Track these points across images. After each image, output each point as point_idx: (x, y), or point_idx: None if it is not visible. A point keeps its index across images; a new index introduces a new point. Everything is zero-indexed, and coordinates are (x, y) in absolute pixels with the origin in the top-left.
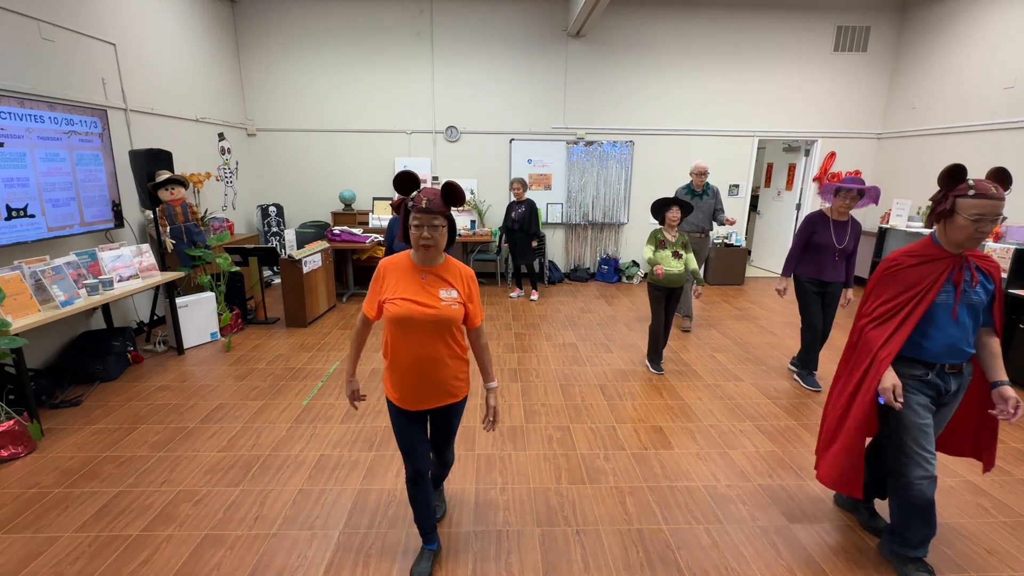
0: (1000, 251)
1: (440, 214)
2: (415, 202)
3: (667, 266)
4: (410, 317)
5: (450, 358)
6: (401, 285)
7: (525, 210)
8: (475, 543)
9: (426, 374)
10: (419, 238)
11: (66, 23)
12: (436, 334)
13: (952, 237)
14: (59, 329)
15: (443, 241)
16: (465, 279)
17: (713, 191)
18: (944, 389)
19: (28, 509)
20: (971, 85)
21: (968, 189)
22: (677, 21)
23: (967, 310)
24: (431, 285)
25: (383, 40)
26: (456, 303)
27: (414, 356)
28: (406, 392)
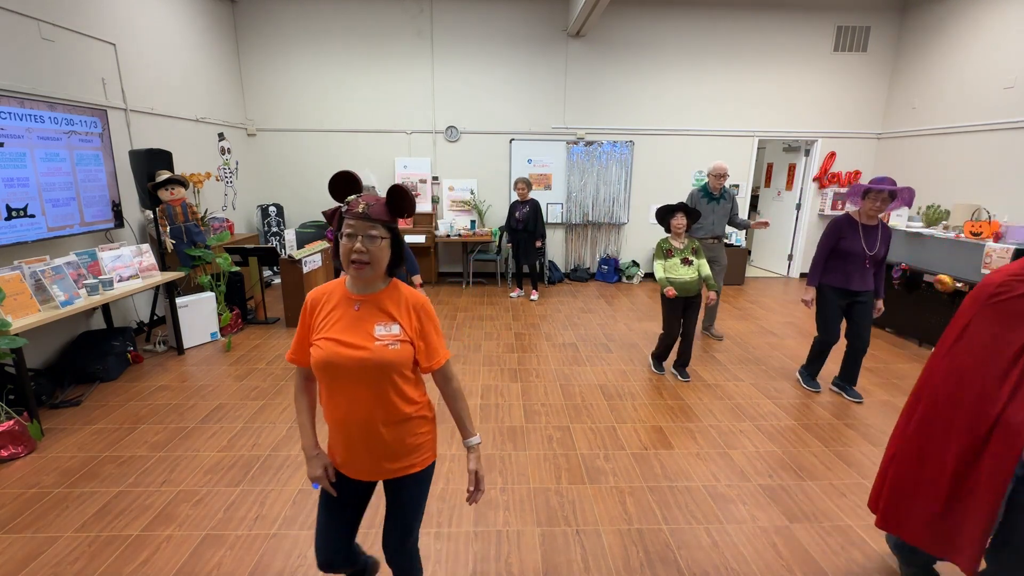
0: (1000, 251)
1: (380, 223)
2: (350, 206)
3: (677, 274)
4: (333, 363)
5: (395, 416)
6: (329, 320)
7: (529, 210)
8: (475, 543)
9: (361, 438)
10: (350, 251)
11: (66, 23)
12: (371, 384)
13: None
14: (59, 329)
15: (382, 258)
16: (413, 310)
17: (730, 195)
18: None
19: (28, 509)
20: (971, 85)
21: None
22: (677, 21)
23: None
24: (365, 319)
25: (383, 40)
26: (396, 342)
27: (344, 414)
28: (339, 456)
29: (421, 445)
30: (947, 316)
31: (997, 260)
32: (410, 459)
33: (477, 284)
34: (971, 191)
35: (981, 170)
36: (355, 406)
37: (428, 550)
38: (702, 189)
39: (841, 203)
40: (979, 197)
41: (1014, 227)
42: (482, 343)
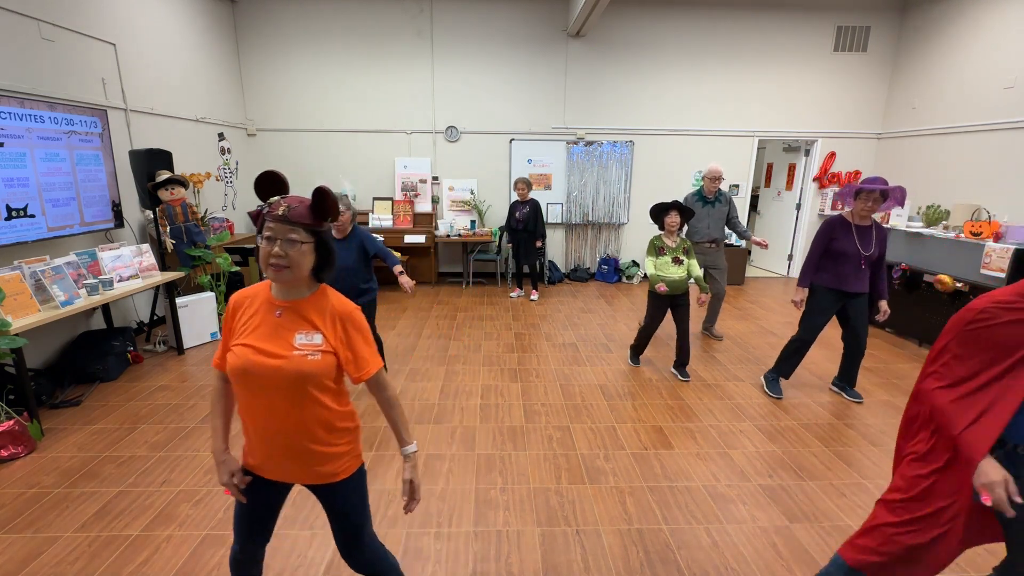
0: (1000, 251)
1: (301, 226)
2: (271, 208)
3: (667, 273)
4: (248, 371)
5: (314, 427)
6: (249, 326)
7: (529, 210)
8: (475, 543)
9: (279, 445)
10: (268, 255)
11: (66, 23)
12: (289, 394)
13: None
14: (59, 329)
15: (302, 263)
16: (340, 319)
17: (727, 198)
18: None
19: (28, 509)
20: (971, 85)
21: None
22: (677, 21)
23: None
24: (286, 327)
25: (383, 40)
26: (317, 352)
27: (262, 422)
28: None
29: (342, 455)
30: (947, 316)
31: (997, 260)
32: (331, 467)
33: (477, 284)
34: (971, 191)
35: (981, 170)
36: (273, 415)
37: (428, 550)
38: (696, 193)
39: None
40: (979, 197)
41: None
42: (482, 343)
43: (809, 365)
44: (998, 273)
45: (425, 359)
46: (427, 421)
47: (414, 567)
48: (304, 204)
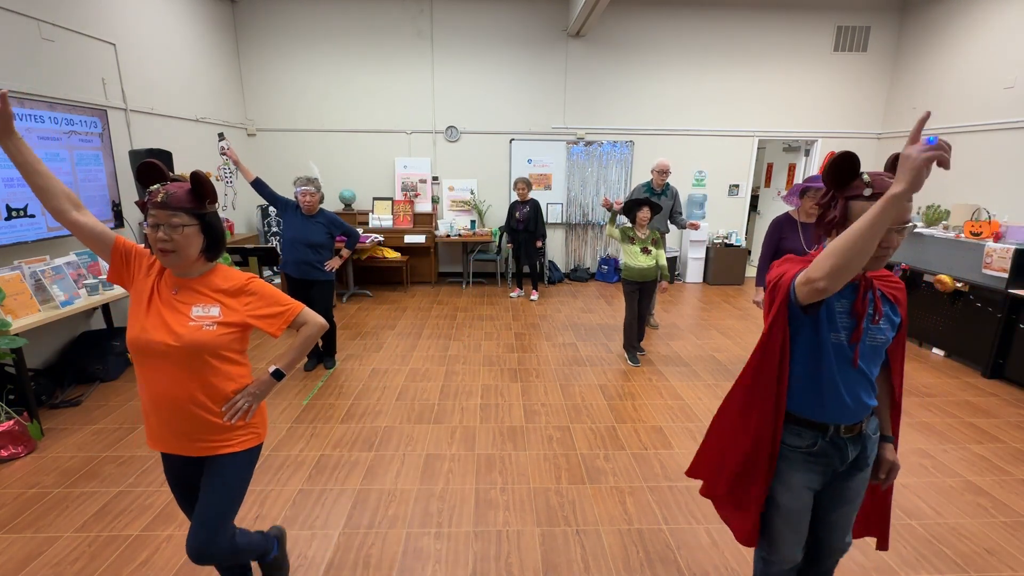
0: (1000, 251)
1: (182, 210)
2: (151, 196)
3: (636, 261)
4: (142, 343)
5: (211, 395)
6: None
7: (530, 210)
8: (475, 543)
9: (175, 415)
10: (155, 242)
11: (66, 23)
12: (185, 365)
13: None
14: (59, 329)
15: (190, 246)
16: (241, 292)
17: (672, 192)
18: (840, 460)
19: (28, 509)
20: (971, 85)
21: (863, 188)
22: (677, 21)
23: (870, 352)
24: (183, 302)
25: (383, 40)
26: (213, 323)
27: (158, 392)
28: (153, 435)
29: (235, 427)
30: (947, 316)
31: (998, 260)
32: (226, 436)
33: (477, 284)
34: (971, 191)
35: (981, 170)
36: (170, 385)
37: (428, 550)
38: (645, 185)
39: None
40: (979, 197)
41: (1014, 227)
42: (482, 343)
43: None
44: (999, 273)
45: (425, 359)
46: (427, 421)
47: (414, 567)
48: (183, 189)
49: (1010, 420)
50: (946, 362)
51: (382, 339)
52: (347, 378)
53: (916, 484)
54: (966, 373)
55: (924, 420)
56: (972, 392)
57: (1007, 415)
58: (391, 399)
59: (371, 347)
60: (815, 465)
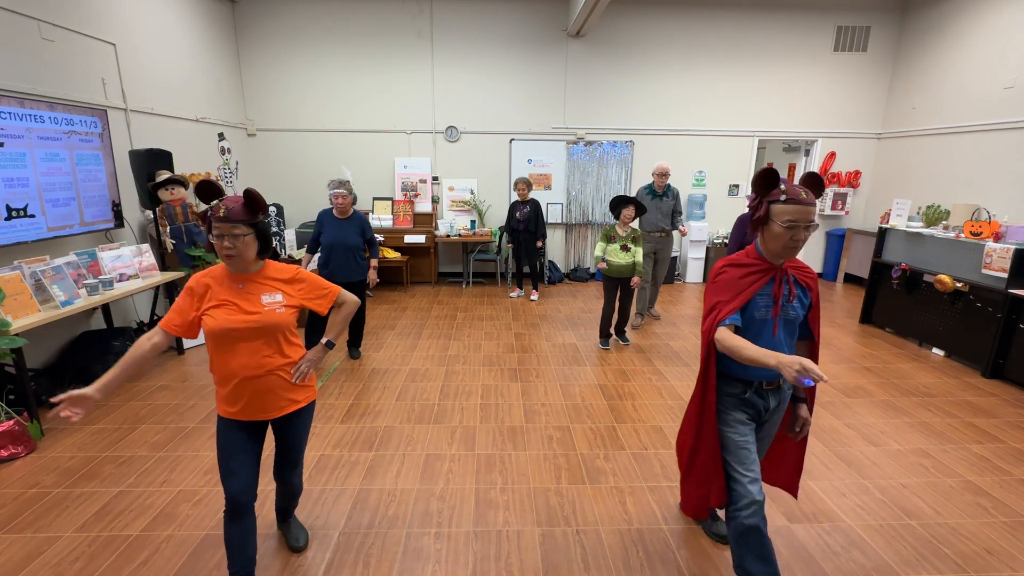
0: (1000, 251)
1: (241, 222)
2: (213, 211)
3: (615, 258)
4: (228, 328)
5: (280, 365)
6: (217, 296)
7: (530, 210)
8: (475, 543)
9: (253, 385)
10: (221, 248)
11: (66, 23)
12: (264, 340)
13: (769, 246)
14: (59, 329)
15: (249, 250)
16: (293, 281)
17: (673, 193)
18: (763, 407)
19: (28, 509)
20: (971, 85)
21: (780, 194)
22: (677, 21)
23: (784, 325)
24: (252, 292)
25: (383, 40)
26: (281, 307)
27: (238, 367)
28: (239, 404)
29: (302, 386)
30: (947, 316)
31: (998, 260)
32: (293, 396)
33: (477, 284)
34: (971, 191)
35: (981, 170)
36: (253, 358)
37: (428, 550)
38: (648, 187)
39: (840, 203)
40: (979, 197)
41: (1014, 227)
42: (482, 343)
43: None
44: (999, 273)
45: (425, 359)
46: (427, 421)
47: (414, 567)
48: (239, 203)
49: (1010, 420)
50: (946, 362)
51: (382, 339)
52: (347, 378)
53: (916, 484)
54: (966, 373)
55: (924, 420)
56: (972, 392)
57: (1007, 415)
58: (391, 399)
59: (371, 347)
60: (746, 407)
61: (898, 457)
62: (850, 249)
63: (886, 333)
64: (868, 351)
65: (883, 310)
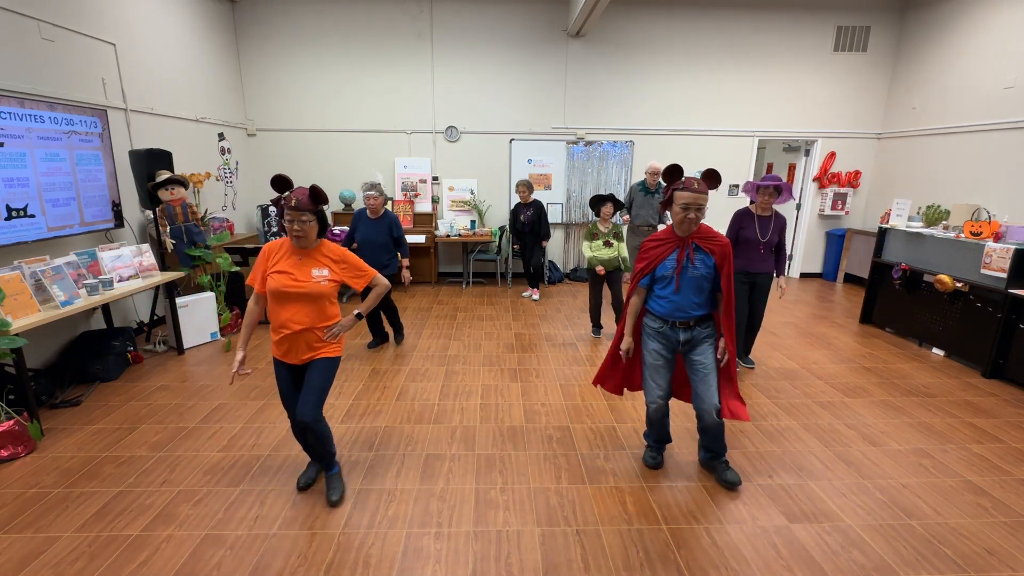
0: (1000, 251)
1: (307, 211)
2: (286, 201)
3: (599, 253)
4: (283, 290)
5: (319, 323)
6: (279, 264)
7: (533, 212)
8: (475, 543)
9: (298, 335)
10: (291, 231)
11: (66, 23)
12: (309, 304)
13: (674, 222)
14: (59, 329)
15: (312, 232)
16: (341, 261)
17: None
18: (675, 339)
19: (28, 509)
20: (971, 85)
21: (679, 184)
22: (677, 21)
23: (690, 281)
24: (306, 265)
25: (383, 40)
26: (325, 280)
27: (287, 320)
28: (282, 349)
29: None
30: (947, 316)
31: (997, 260)
32: (324, 348)
33: (477, 284)
34: (971, 191)
35: (981, 170)
36: (297, 316)
37: (428, 550)
38: (640, 184)
39: (841, 203)
40: (979, 197)
41: (1014, 227)
42: (482, 343)
43: (810, 366)
44: (999, 273)
45: (425, 359)
46: (427, 421)
47: (414, 567)
48: (306, 195)
49: (1010, 420)
50: (946, 362)
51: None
52: (347, 378)
53: (916, 484)
54: (966, 373)
55: (924, 420)
56: (972, 392)
57: (1007, 415)
58: (391, 399)
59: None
60: (661, 338)
61: (898, 457)
62: (850, 249)
63: (886, 333)
64: (868, 351)
65: (883, 310)
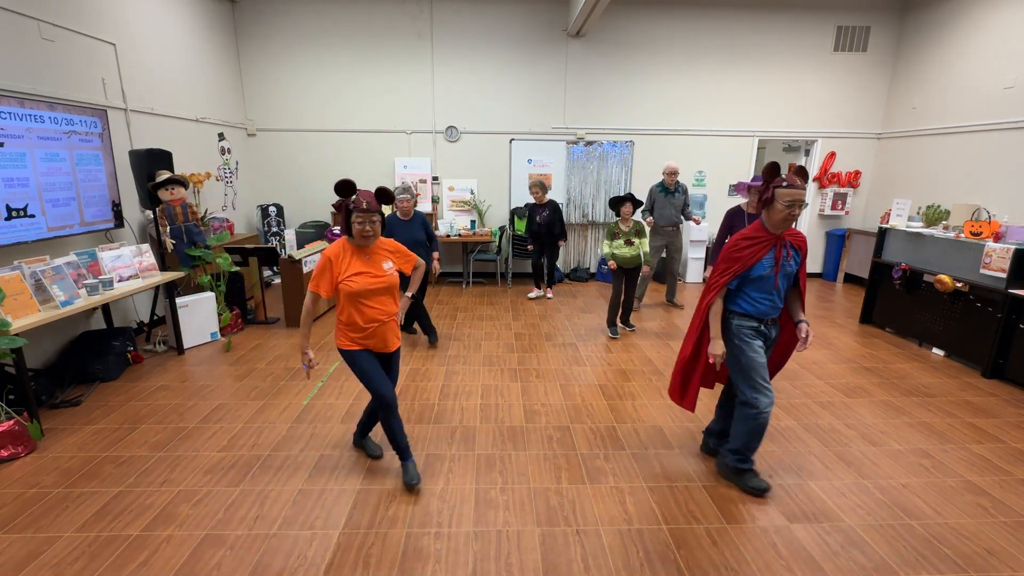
0: (1000, 251)
1: (376, 212)
2: (355, 204)
3: (621, 251)
4: (368, 288)
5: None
6: (353, 267)
7: (549, 212)
8: (475, 543)
9: (383, 327)
10: (362, 231)
11: (66, 23)
12: (385, 296)
13: (772, 220)
14: (59, 329)
15: (378, 231)
16: (392, 249)
17: (683, 188)
18: (769, 337)
19: (28, 509)
20: (971, 85)
21: (782, 181)
22: (677, 21)
23: (785, 279)
24: (375, 261)
25: (383, 40)
26: (393, 271)
27: (372, 316)
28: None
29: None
30: (947, 316)
31: (997, 260)
32: (398, 335)
33: (477, 284)
34: (971, 191)
35: (981, 170)
36: (383, 308)
37: (428, 550)
38: (660, 185)
39: (841, 203)
40: (979, 197)
41: (1014, 227)
42: (482, 343)
43: (811, 367)
44: (998, 273)
45: (425, 359)
46: (427, 421)
47: (414, 567)
48: (372, 197)
49: (1010, 420)
50: (946, 362)
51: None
52: (347, 378)
53: (916, 484)
54: (966, 373)
55: (924, 420)
56: (972, 392)
57: (1007, 415)
58: None
59: None
60: (758, 336)
61: (898, 457)
62: (850, 249)
63: (886, 333)
64: (868, 351)
65: (883, 310)
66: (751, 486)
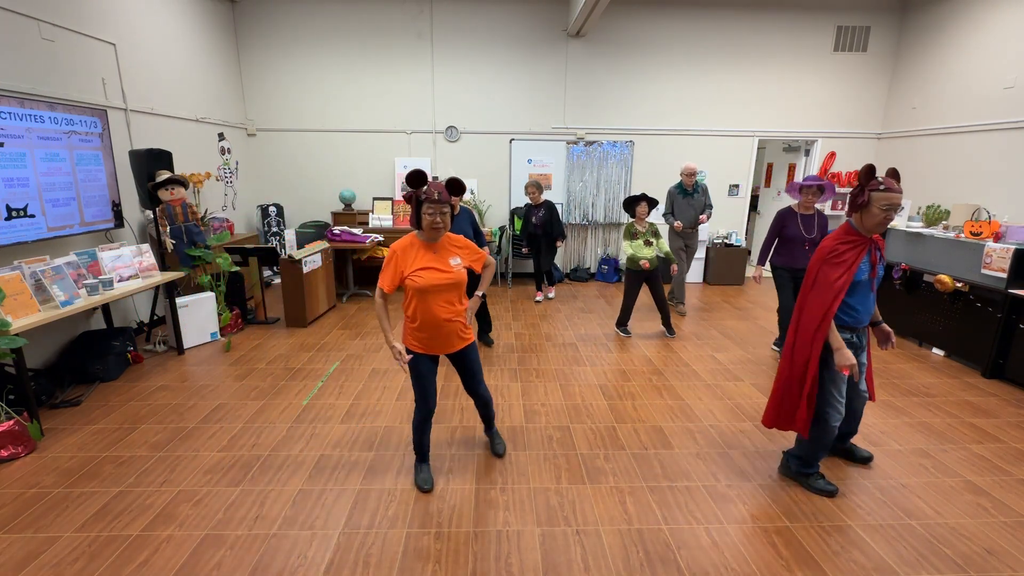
0: (1000, 251)
1: (446, 203)
2: (427, 195)
3: (641, 253)
4: (433, 283)
5: (460, 311)
6: (419, 261)
7: (545, 213)
8: (475, 543)
9: (443, 326)
10: (432, 223)
11: (66, 23)
12: (452, 292)
13: (867, 224)
14: (59, 329)
15: (448, 222)
16: (460, 245)
17: (703, 188)
18: (861, 348)
19: (28, 509)
20: (971, 85)
21: (879, 184)
22: (677, 21)
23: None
24: (443, 256)
25: (383, 40)
26: (461, 267)
27: (434, 314)
28: (430, 341)
29: (469, 328)
30: (947, 316)
31: (997, 260)
32: (465, 335)
33: None
34: (971, 191)
35: (981, 170)
36: (442, 308)
37: (428, 550)
38: (678, 186)
39: (841, 203)
40: (979, 197)
41: (1014, 227)
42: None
43: None
44: (998, 273)
45: None
46: None
47: (414, 567)
48: (443, 188)
49: (1010, 420)
50: (946, 362)
51: (382, 339)
52: (347, 378)
53: (916, 484)
54: (966, 373)
55: (924, 420)
56: (972, 392)
57: (1007, 415)
58: (391, 399)
59: (371, 347)
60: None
61: (898, 457)
62: None
63: None
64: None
65: (883, 310)
66: (818, 488)
